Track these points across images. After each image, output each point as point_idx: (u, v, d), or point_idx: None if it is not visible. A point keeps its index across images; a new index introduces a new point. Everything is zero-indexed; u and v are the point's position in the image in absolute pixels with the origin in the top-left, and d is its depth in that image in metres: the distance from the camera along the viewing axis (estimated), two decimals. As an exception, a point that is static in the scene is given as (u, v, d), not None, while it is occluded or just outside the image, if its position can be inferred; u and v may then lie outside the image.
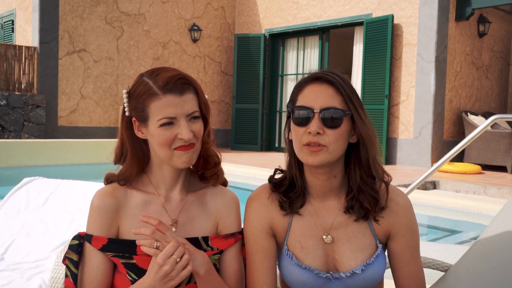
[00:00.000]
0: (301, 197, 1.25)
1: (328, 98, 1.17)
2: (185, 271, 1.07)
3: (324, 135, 1.16)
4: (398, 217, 1.24)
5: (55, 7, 9.07)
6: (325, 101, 1.17)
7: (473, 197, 5.54)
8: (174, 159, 1.19)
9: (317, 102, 1.17)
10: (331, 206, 1.26)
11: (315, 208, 1.26)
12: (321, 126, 1.15)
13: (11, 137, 8.60)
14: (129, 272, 1.20)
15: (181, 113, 1.16)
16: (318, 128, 1.15)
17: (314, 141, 1.15)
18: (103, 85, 9.79)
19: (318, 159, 1.16)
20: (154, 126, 1.16)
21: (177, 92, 1.16)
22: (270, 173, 1.33)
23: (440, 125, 8.14)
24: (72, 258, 1.22)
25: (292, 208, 1.25)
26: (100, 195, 1.24)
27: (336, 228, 1.24)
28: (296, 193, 1.25)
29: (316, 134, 1.15)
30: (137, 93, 1.19)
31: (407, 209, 1.25)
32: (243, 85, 10.77)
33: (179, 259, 1.06)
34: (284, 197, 1.25)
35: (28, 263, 2.23)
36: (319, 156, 1.16)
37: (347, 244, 1.23)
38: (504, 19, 9.41)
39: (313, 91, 1.19)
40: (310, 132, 1.15)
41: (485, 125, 2.87)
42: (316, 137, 1.15)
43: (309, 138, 1.16)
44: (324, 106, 1.16)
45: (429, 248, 2.59)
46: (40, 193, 2.56)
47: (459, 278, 1.48)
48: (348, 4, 9.19)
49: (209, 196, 1.30)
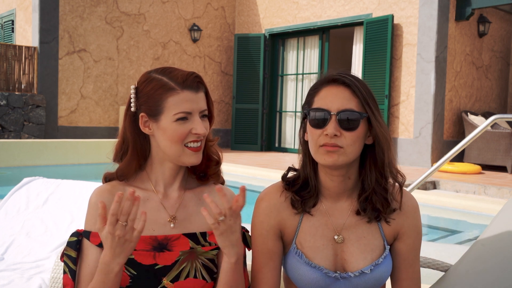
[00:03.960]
0: (314, 197, 1.26)
1: (345, 101, 1.18)
2: (136, 231, 1.06)
3: (341, 137, 1.17)
4: (407, 218, 1.26)
5: (55, 7, 9.07)
6: (342, 103, 1.17)
7: (473, 197, 5.54)
8: (183, 156, 1.22)
9: (334, 104, 1.18)
10: (343, 207, 1.27)
11: (327, 208, 1.27)
12: (338, 128, 1.16)
13: (11, 137, 8.60)
14: (127, 267, 1.21)
15: (196, 109, 1.21)
16: (335, 130, 1.16)
17: (331, 143, 1.16)
18: (103, 85, 9.79)
19: (334, 159, 1.17)
20: (168, 121, 1.20)
21: (193, 88, 1.21)
22: (270, 173, 1.34)
23: (440, 125, 8.14)
24: (70, 254, 1.23)
25: (304, 208, 1.26)
26: (98, 192, 1.26)
27: (347, 228, 1.26)
28: (309, 193, 1.26)
29: (333, 136, 1.16)
30: (150, 88, 1.22)
31: (415, 211, 1.27)
32: (243, 85, 10.77)
33: (125, 223, 1.05)
34: (297, 195, 1.26)
35: (28, 263, 2.23)
36: (335, 156, 1.17)
37: (357, 244, 1.24)
38: (504, 19, 9.41)
39: (329, 93, 1.20)
40: (327, 134, 1.16)
41: (485, 125, 2.87)
42: (333, 139, 1.16)
43: (326, 140, 1.17)
44: (341, 108, 1.17)
45: (429, 248, 2.59)
46: (40, 193, 2.56)
47: (459, 278, 1.48)
48: (348, 4, 9.19)
49: (206, 193, 1.31)
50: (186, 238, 1.25)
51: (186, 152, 1.22)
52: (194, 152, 1.22)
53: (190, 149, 1.22)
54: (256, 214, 1.29)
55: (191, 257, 1.24)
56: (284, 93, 10.82)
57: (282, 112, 10.80)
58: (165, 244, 1.23)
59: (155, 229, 1.25)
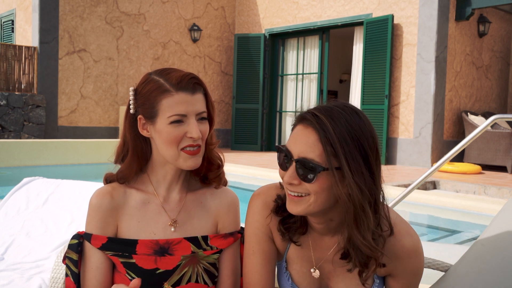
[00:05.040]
0: (301, 228, 1.17)
1: (307, 147, 1.01)
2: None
3: (301, 185, 1.03)
4: (402, 261, 1.11)
5: (55, 7, 9.07)
6: (302, 149, 1.01)
7: (473, 197, 5.54)
8: (180, 160, 1.19)
9: (295, 148, 1.03)
10: (328, 244, 1.15)
11: (312, 241, 1.17)
12: (296, 176, 1.02)
13: (11, 137, 8.60)
14: (128, 271, 1.20)
15: (191, 112, 1.17)
16: (292, 178, 1.02)
17: (291, 189, 1.04)
18: (103, 85, 9.79)
19: (298, 209, 1.05)
20: (163, 123, 1.16)
21: (189, 90, 1.17)
22: (270, 173, 1.33)
23: (440, 125, 8.14)
24: (72, 257, 1.22)
25: (291, 238, 1.17)
26: (99, 194, 1.24)
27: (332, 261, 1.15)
28: (295, 224, 1.16)
29: (292, 184, 1.03)
30: (146, 90, 1.19)
31: (413, 253, 1.11)
32: (243, 85, 10.77)
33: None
34: (283, 224, 1.17)
35: (28, 263, 2.23)
36: (298, 206, 1.04)
37: (342, 277, 1.15)
38: (504, 19, 9.41)
39: (296, 134, 1.05)
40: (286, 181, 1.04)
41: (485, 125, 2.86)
42: (292, 187, 1.04)
43: (287, 186, 1.05)
44: (300, 155, 1.01)
45: (429, 248, 2.58)
46: (40, 193, 2.56)
47: (459, 278, 1.48)
48: (348, 4, 9.19)
49: (208, 195, 1.30)
50: (187, 242, 1.23)
51: (183, 155, 1.18)
52: (191, 156, 1.18)
53: (187, 153, 1.18)
54: (251, 212, 1.20)
55: (192, 261, 1.23)
56: (284, 93, 10.82)
57: (282, 112, 10.80)
58: (167, 248, 1.22)
59: (156, 233, 1.23)
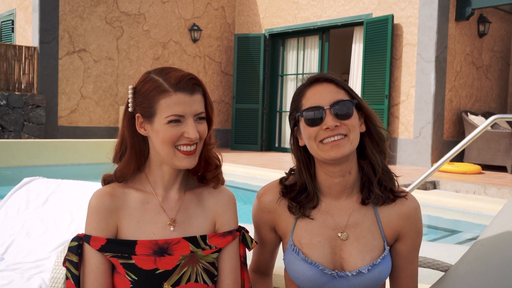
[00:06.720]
0: (314, 200, 1.28)
1: (334, 94, 1.23)
2: None
3: (341, 126, 1.20)
4: (409, 219, 1.27)
5: (55, 7, 9.07)
6: (332, 96, 1.22)
7: (473, 197, 5.54)
8: (175, 159, 1.19)
9: (325, 100, 1.22)
10: (343, 205, 1.28)
11: (327, 207, 1.29)
12: (336, 119, 1.20)
13: (11, 137, 8.60)
14: (128, 272, 1.20)
15: (189, 112, 1.17)
16: (334, 121, 1.19)
17: (334, 134, 1.20)
18: (103, 85, 9.79)
19: (341, 150, 1.19)
20: (160, 123, 1.17)
21: (188, 91, 1.18)
22: (270, 173, 1.37)
23: (440, 125, 8.14)
24: (72, 259, 1.21)
25: (304, 212, 1.28)
26: (98, 195, 1.23)
27: (348, 227, 1.27)
28: (307, 198, 1.28)
29: (334, 128, 1.19)
30: (145, 89, 1.19)
31: (417, 212, 1.29)
32: (243, 85, 10.77)
33: None
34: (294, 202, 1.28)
35: (28, 263, 2.23)
36: (341, 148, 1.20)
37: (356, 244, 1.25)
38: (504, 19, 9.41)
39: (316, 92, 1.24)
40: (328, 127, 1.19)
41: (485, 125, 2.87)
42: (335, 130, 1.20)
43: (326, 134, 1.20)
44: (332, 101, 1.21)
45: (429, 248, 2.58)
46: (40, 193, 2.56)
47: (459, 278, 1.48)
48: (348, 4, 9.19)
49: (206, 194, 1.30)
50: (186, 242, 1.23)
51: (178, 155, 1.19)
52: (186, 155, 1.19)
53: (182, 152, 1.18)
54: (254, 207, 1.36)
55: (191, 261, 1.23)
56: (284, 93, 10.82)
57: (282, 112, 10.80)
58: (166, 248, 1.21)
59: (156, 232, 1.23)
